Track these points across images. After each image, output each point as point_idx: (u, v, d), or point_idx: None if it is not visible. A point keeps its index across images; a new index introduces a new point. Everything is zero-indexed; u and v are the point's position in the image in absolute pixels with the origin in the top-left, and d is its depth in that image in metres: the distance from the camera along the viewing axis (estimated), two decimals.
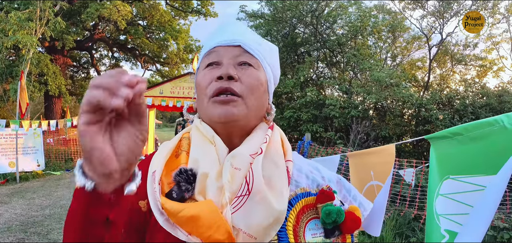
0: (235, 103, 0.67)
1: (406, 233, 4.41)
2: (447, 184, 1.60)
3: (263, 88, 0.73)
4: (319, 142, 10.09)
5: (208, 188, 0.62)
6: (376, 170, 2.35)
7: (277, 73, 0.82)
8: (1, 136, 8.29)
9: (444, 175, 1.62)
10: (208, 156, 0.66)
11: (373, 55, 13.70)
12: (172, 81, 14.14)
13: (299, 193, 0.67)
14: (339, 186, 0.75)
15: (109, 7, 14.33)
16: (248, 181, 0.62)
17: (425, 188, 5.00)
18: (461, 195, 1.54)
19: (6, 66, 12.65)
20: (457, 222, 1.54)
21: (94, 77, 0.46)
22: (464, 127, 1.59)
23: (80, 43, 17.88)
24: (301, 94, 12.11)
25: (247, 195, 0.61)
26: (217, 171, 0.63)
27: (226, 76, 0.68)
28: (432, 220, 1.63)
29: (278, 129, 0.77)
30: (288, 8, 13.23)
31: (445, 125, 9.45)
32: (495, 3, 11.97)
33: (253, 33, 0.79)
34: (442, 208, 1.61)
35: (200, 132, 0.70)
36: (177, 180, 0.62)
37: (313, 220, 0.67)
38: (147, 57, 20.87)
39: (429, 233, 1.65)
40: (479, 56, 13.87)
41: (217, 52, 0.72)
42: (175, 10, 20.10)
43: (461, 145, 1.58)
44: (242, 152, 0.66)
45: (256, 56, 0.73)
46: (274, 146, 0.70)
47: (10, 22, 10.63)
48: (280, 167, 0.67)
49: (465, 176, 1.54)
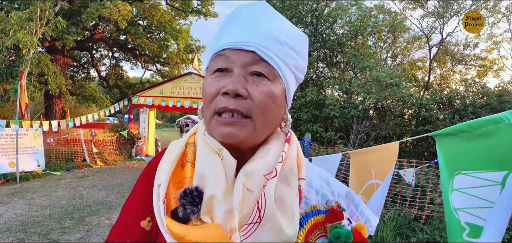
0: (241, 126, 0.61)
1: (407, 233, 4.41)
2: (460, 179, 1.64)
3: (277, 103, 0.64)
4: (319, 141, 10.09)
5: (215, 208, 0.57)
6: (377, 168, 2.35)
7: (302, 72, 0.72)
8: (1, 136, 8.29)
9: (455, 171, 1.66)
10: (214, 171, 0.60)
11: (373, 55, 13.69)
12: (172, 81, 14.16)
13: (309, 212, 0.66)
14: (347, 201, 0.73)
15: (110, 7, 14.34)
16: (260, 207, 0.58)
17: (425, 188, 5.00)
18: (476, 189, 1.58)
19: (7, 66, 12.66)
20: (477, 216, 1.59)
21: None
22: (468, 124, 1.63)
23: (80, 43, 17.89)
24: (301, 94, 12.11)
25: (258, 222, 0.57)
26: (224, 189, 0.58)
27: (233, 94, 0.60)
28: (450, 214, 1.67)
29: (295, 141, 0.70)
30: (288, 8, 13.23)
31: (445, 125, 9.44)
32: (496, 3, 11.97)
33: (275, 23, 0.66)
34: (459, 202, 1.65)
35: (206, 142, 0.64)
36: (182, 203, 0.59)
37: (321, 238, 0.65)
38: (147, 57, 20.88)
39: (449, 226, 1.69)
40: (480, 56, 13.87)
41: (227, 56, 0.63)
42: (175, 10, 20.11)
43: (467, 142, 1.62)
44: (257, 171, 0.60)
45: (272, 64, 0.63)
46: (289, 163, 0.64)
47: (11, 22, 10.64)
48: (293, 187, 0.63)
49: (476, 171, 1.58)
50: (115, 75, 22.23)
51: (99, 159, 11.37)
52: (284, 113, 0.69)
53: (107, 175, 9.30)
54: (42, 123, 9.54)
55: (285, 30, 0.67)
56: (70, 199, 6.43)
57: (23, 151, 8.54)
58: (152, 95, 13.84)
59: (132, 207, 0.69)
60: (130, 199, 0.71)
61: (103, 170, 10.14)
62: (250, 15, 0.66)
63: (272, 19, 0.67)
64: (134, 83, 22.62)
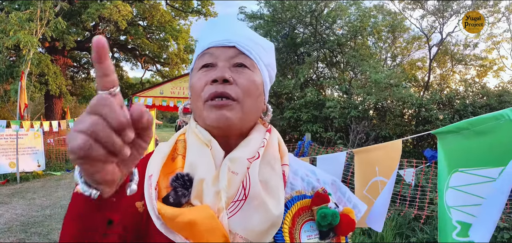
0: (230, 107, 0.66)
1: (406, 233, 4.42)
2: (456, 177, 1.66)
3: (258, 90, 0.71)
4: (319, 142, 10.10)
5: (205, 192, 0.62)
6: (381, 166, 2.37)
7: (273, 72, 0.80)
8: (1, 136, 8.30)
9: (453, 168, 1.68)
10: (204, 160, 0.65)
11: (373, 56, 13.70)
12: (172, 82, 14.13)
13: (295, 196, 0.68)
14: (333, 188, 0.76)
15: (110, 7, 14.35)
16: (245, 186, 0.62)
17: (425, 188, 5.01)
18: (470, 187, 1.59)
19: (7, 66, 12.66)
20: (468, 213, 1.59)
21: (79, 121, 0.40)
22: (469, 122, 1.65)
23: (81, 43, 17.90)
24: (301, 95, 12.11)
25: (243, 200, 0.61)
26: (213, 176, 0.63)
27: (221, 80, 0.67)
28: (443, 212, 1.70)
29: (276, 132, 0.76)
30: (287, 9, 13.24)
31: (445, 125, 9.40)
32: (495, 2, 11.98)
33: (248, 30, 0.77)
34: (452, 200, 1.67)
35: (196, 135, 0.69)
36: (173, 186, 0.62)
37: (309, 222, 0.68)
38: (148, 58, 20.89)
39: (441, 225, 1.72)
40: (479, 56, 13.87)
41: (211, 53, 0.71)
42: (175, 10, 20.11)
43: (467, 139, 1.64)
44: (240, 155, 0.65)
45: (251, 57, 0.72)
46: (271, 149, 0.70)
47: (11, 22, 10.65)
48: (277, 170, 0.67)
49: (473, 168, 1.60)
50: None
51: None
52: (264, 104, 0.76)
53: None
54: (42, 123, 9.55)
55: (257, 36, 0.77)
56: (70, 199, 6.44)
57: (23, 151, 8.55)
58: (152, 96, 13.82)
59: None
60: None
61: None
62: (228, 22, 0.77)
63: (246, 27, 0.78)
64: (134, 83, 22.65)
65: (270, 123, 0.79)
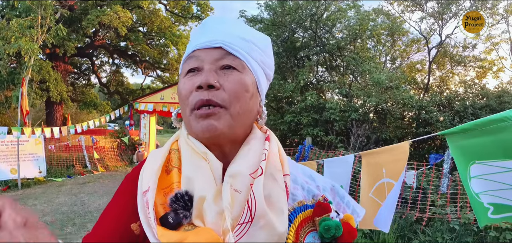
0: (218, 116, 0.62)
1: (408, 236, 4.41)
2: (475, 168, 1.82)
3: (249, 92, 0.66)
4: (320, 145, 10.10)
5: (206, 212, 0.58)
6: (388, 168, 2.41)
7: (270, 68, 0.75)
8: (2, 143, 8.31)
9: (469, 161, 1.84)
10: (202, 175, 0.61)
11: (372, 58, 13.73)
12: (173, 87, 14.19)
13: (297, 207, 0.67)
14: (333, 194, 0.75)
15: (110, 14, 14.41)
16: (250, 206, 0.59)
17: (426, 190, 5.01)
18: (493, 175, 1.77)
19: (8, 73, 12.72)
20: (502, 197, 1.78)
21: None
22: (475, 123, 1.80)
23: (81, 50, 17.98)
24: (301, 98, 12.12)
25: (250, 222, 0.58)
26: (214, 193, 0.59)
27: (206, 86, 0.62)
28: (474, 200, 1.87)
29: (274, 138, 0.72)
30: (287, 13, 13.28)
31: (445, 126, 9.45)
32: (494, 4, 12.03)
33: (238, 28, 0.70)
34: (478, 187, 1.84)
35: (190, 146, 0.65)
36: (174, 208, 0.59)
37: (311, 233, 0.67)
38: (148, 64, 20.95)
39: (476, 211, 1.90)
40: (478, 57, 13.92)
41: (196, 56, 0.66)
42: (175, 16, 20.19)
43: (476, 137, 1.79)
44: (241, 171, 0.62)
45: (240, 56, 0.66)
46: (272, 160, 0.66)
47: (12, 29, 10.70)
48: (279, 182, 0.64)
49: (489, 161, 1.76)
50: (115, 81, 22.29)
51: (101, 165, 11.38)
52: (260, 106, 0.72)
53: (108, 181, 9.31)
54: (43, 130, 9.57)
55: (248, 31, 0.71)
56: (71, 205, 6.44)
57: (24, 157, 8.55)
58: (153, 101, 13.87)
59: (123, 206, 0.67)
60: (119, 198, 0.69)
61: (105, 176, 10.15)
62: (216, 21, 0.71)
63: (236, 24, 0.71)
64: (135, 89, 22.68)
65: (269, 127, 0.77)
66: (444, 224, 4.31)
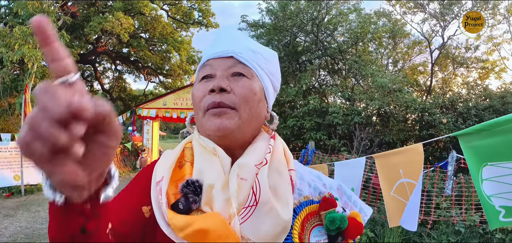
0: (228, 116, 0.68)
1: (413, 239, 4.38)
2: (488, 170, 1.84)
3: (257, 97, 0.72)
4: (323, 149, 10.07)
5: (215, 199, 0.63)
6: (405, 169, 2.46)
7: (276, 79, 0.81)
8: (6, 149, 8.34)
9: (482, 163, 1.85)
10: (212, 167, 0.66)
11: (374, 61, 13.72)
12: (175, 93, 14.22)
13: (303, 201, 0.69)
14: (340, 193, 0.76)
15: (112, 21, 14.50)
16: (255, 191, 0.63)
17: (431, 193, 4.97)
18: (505, 177, 1.78)
19: (11, 80, 12.78)
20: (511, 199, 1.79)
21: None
22: (487, 124, 1.83)
23: (84, 56, 18.07)
24: (303, 103, 12.12)
25: (254, 205, 0.62)
26: (223, 182, 0.64)
27: (218, 89, 0.68)
28: (485, 202, 1.88)
29: (280, 139, 0.77)
30: (288, 17, 13.33)
31: (449, 128, 9.41)
32: (496, 4, 12.01)
33: (248, 40, 0.79)
34: (490, 190, 1.85)
35: (201, 144, 0.70)
36: (184, 192, 0.63)
37: (317, 227, 0.68)
38: (150, 69, 21.03)
39: (487, 213, 1.91)
40: (481, 58, 13.87)
41: (210, 65, 0.73)
42: (176, 22, 20.28)
43: (489, 138, 1.81)
44: (248, 162, 0.67)
45: (249, 65, 0.73)
46: (277, 155, 0.71)
47: (15, 36, 10.78)
48: (284, 176, 0.68)
49: (501, 162, 1.78)
50: (118, 87, 22.39)
51: None
52: (267, 112, 0.78)
53: None
54: None
55: (258, 45, 0.79)
56: None
57: (28, 164, 8.53)
58: (156, 107, 13.90)
59: (136, 190, 0.71)
60: (133, 184, 0.73)
61: None
62: (228, 33, 0.80)
63: (246, 37, 0.81)
64: (137, 95, 22.76)
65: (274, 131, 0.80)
66: (449, 227, 4.27)
